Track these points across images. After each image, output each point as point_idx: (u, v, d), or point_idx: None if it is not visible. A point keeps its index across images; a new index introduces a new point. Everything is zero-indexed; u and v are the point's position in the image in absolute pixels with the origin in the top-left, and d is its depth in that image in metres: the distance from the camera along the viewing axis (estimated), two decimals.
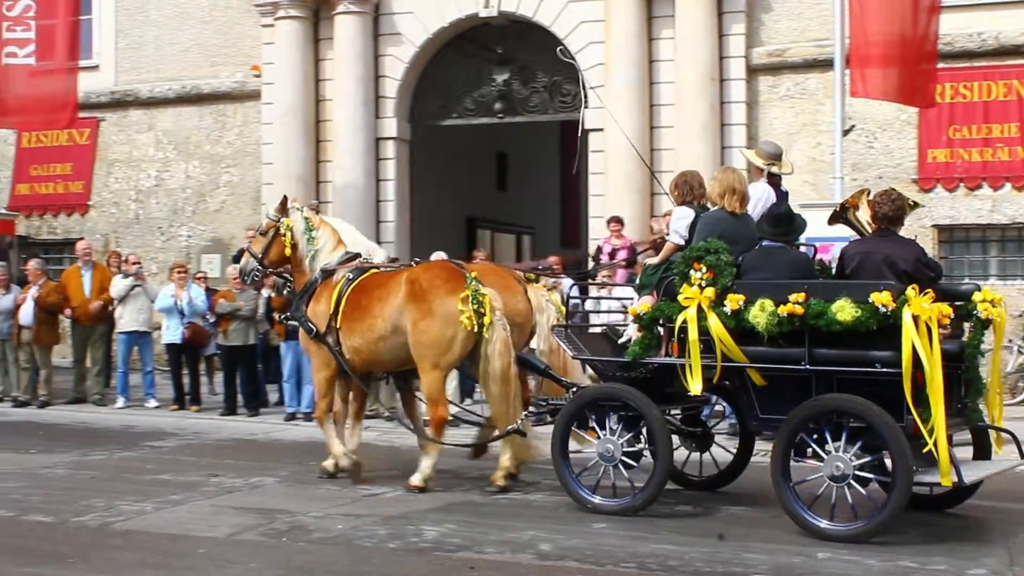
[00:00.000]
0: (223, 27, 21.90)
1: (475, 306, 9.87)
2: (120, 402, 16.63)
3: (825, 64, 17.08)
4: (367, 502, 9.72)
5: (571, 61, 16.05)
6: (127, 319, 16.63)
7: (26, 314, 16.72)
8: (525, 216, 26.81)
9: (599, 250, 17.41)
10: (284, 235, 11.10)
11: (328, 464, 10.79)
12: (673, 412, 9.66)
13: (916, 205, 9.25)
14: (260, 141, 21.22)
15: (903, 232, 9.05)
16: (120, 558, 7.80)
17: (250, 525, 8.79)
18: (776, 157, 10.39)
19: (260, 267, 11.39)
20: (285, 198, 11.51)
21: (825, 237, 10.57)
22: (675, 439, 9.68)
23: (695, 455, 10.26)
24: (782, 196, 10.19)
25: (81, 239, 19.50)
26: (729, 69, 18.48)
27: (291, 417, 15.03)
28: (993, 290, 9.10)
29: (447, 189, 22.78)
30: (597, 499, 9.22)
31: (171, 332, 16.10)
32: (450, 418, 10.62)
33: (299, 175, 20.22)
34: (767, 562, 7.68)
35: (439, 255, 15.75)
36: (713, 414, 11.25)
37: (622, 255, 16.37)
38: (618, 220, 17.20)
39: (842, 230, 9.71)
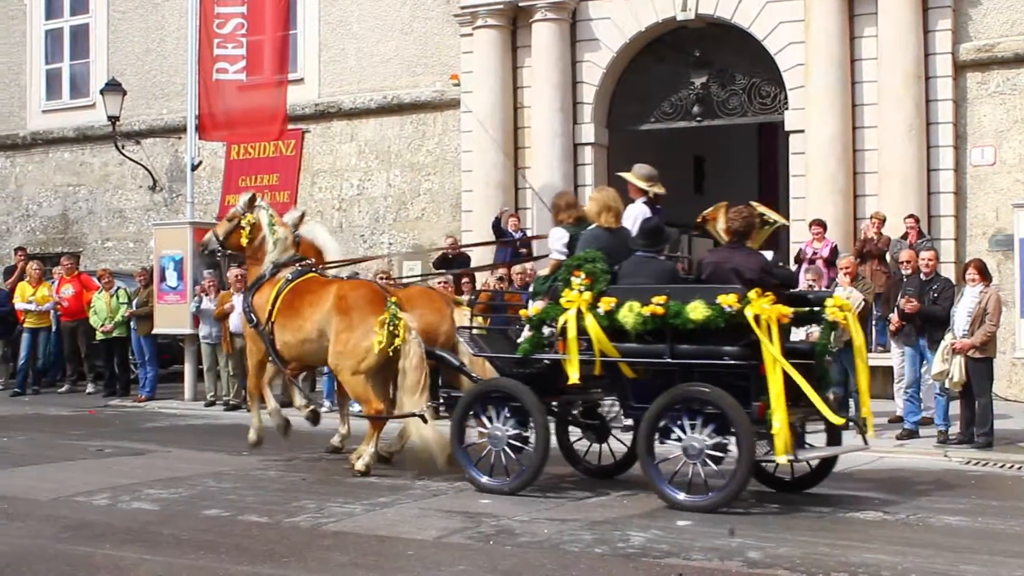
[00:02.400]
0: (422, 38, 22.29)
1: (391, 328, 11.10)
2: (326, 406, 16.99)
3: None
4: (572, 506, 9.76)
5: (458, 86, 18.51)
6: None
7: (237, 322, 17.18)
8: None
9: (801, 253, 17.11)
10: (244, 228, 12.50)
11: (252, 436, 12.50)
12: (566, 405, 10.89)
13: (773, 223, 10.35)
14: (459, 149, 21.50)
15: None
16: (332, 558, 7.98)
17: (457, 528, 8.91)
18: (654, 179, 10.99)
19: (220, 247, 12.94)
20: (253, 196, 12.77)
21: None
22: (576, 430, 11.23)
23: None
24: (659, 213, 10.80)
25: None
26: (935, 66, 17.92)
27: None
28: None
29: None
30: (485, 479, 10.35)
31: None
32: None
33: (498, 181, 20.40)
34: (986, 574, 7.45)
35: None
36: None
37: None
38: (820, 223, 16.95)
39: None
